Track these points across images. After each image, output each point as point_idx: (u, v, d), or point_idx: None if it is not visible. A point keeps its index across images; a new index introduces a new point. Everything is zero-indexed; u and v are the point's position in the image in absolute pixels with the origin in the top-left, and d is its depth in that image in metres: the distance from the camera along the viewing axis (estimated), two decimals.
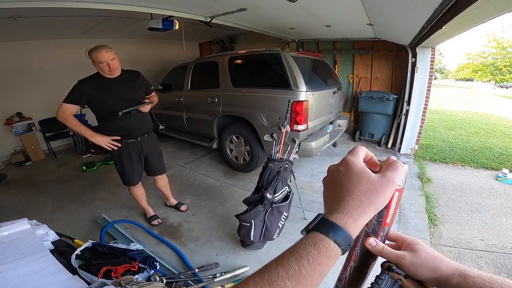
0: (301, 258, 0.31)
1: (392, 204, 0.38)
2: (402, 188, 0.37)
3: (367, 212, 0.34)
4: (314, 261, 0.31)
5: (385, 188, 0.35)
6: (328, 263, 0.32)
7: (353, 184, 0.35)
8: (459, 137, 5.84)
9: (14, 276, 1.33)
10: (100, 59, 1.89)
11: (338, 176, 0.37)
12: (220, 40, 6.90)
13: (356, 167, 0.36)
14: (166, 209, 2.76)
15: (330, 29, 3.98)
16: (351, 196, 0.34)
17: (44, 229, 1.79)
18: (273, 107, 3.00)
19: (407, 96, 4.20)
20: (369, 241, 0.39)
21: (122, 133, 2.09)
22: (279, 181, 2.00)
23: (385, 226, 0.40)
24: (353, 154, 0.38)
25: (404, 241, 0.42)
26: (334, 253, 0.32)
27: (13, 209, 2.93)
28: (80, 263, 1.45)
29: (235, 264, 1.93)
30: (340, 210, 0.34)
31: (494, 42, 16.94)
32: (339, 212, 0.34)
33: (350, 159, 0.38)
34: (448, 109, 10.44)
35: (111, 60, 1.93)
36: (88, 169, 3.88)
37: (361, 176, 0.35)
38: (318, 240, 0.32)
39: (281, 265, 0.32)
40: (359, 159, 0.38)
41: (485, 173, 3.69)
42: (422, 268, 0.38)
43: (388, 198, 0.36)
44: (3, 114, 4.34)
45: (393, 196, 0.37)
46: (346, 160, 0.38)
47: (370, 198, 0.34)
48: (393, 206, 0.38)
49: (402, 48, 4.18)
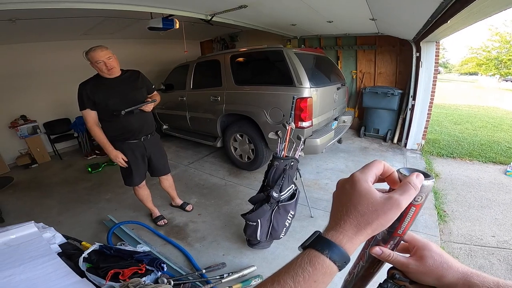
0: (297, 275, 0.32)
1: (406, 218, 0.36)
2: (421, 204, 0.36)
3: (363, 232, 0.34)
4: (310, 278, 0.31)
5: (387, 211, 0.33)
6: (324, 280, 0.32)
7: (353, 204, 0.35)
8: (465, 131, 5.76)
9: (23, 280, 1.33)
10: (96, 58, 1.88)
11: (342, 193, 0.37)
12: (221, 39, 6.87)
13: (360, 187, 0.35)
14: (172, 209, 2.75)
15: (332, 25, 3.93)
16: (349, 216, 0.34)
17: (51, 232, 1.79)
18: (277, 105, 2.97)
19: (412, 91, 4.15)
20: (373, 250, 0.40)
21: (125, 133, 2.08)
22: (285, 179, 1.97)
23: (395, 236, 0.39)
24: (362, 171, 0.37)
25: (415, 244, 0.41)
26: (330, 271, 0.32)
27: (19, 211, 2.95)
28: (88, 266, 1.44)
29: (242, 264, 1.92)
30: (336, 228, 0.34)
31: (497, 36, 16.81)
32: (336, 230, 0.34)
33: (356, 177, 0.36)
34: (453, 103, 10.31)
35: (107, 59, 1.92)
36: (93, 171, 3.90)
37: (363, 196, 0.34)
38: (313, 257, 0.32)
39: (277, 282, 0.32)
40: (367, 177, 0.36)
41: (493, 167, 3.62)
42: (426, 276, 0.38)
43: (391, 220, 0.34)
44: (8, 117, 4.36)
45: (408, 210, 0.35)
46: (353, 177, 0.37)
47: (369, 219, 0.33)
48: (407, 219, 0.37)
49: (406, 43, 4.12)
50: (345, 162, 3.75)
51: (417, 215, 0.36)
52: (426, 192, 0.35)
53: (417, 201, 0.35)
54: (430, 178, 0.36)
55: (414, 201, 0.35)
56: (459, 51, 60.47)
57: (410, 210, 0.35)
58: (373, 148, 4.30)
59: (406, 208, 0.34)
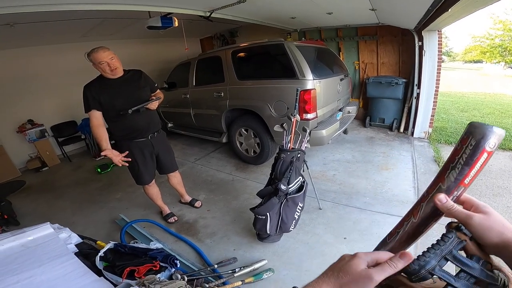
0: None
1: (477, 164, 0.37)
2: (492, 151, 0.37)
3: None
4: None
5: (358, 279, 0.36)
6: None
7: (337, 270, 0.39)
8: (473, 118, 5.69)
9: (44, 280, 1.37)
10: (99, 59, 1.89)
11: (338, 261, 0.42)
12: (221, 35, 6.85)
13: (352, 260, 0.40)
14: (181, 206, 2.79)
15: (331, 16, 3.88)
16: (329, 277, 0.39)
17: (66, 232, 1.84)
18: (281, 98, 2.97)
19: (416, 80, 4.11)
20: (439, 197, 0.39)
21: (132, 132, 2.10)
22: (293, 171, 1.98)
23: (461, 186, 0.39)
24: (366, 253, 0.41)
25: (472, 204, 0.41)
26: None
27: (34, 214, 3.03)
28: (105, 264, 1.48)
29: (253, 258, 1.95)
30: (313, 284, 0.40)
31: (500, 24, 16.59)
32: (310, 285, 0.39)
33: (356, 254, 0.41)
34: (459, 91, 10.15)
35: (110, 60, 1.92)
36: (102, 171, 3.96)
37: (348, 266, 0.39)
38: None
39: None
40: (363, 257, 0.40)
41: (503, 154, 3.58)
42: (489, 231, 0.37)
43: None
44: (15, 122, 4.43)
45: (480, 156, 0.37)
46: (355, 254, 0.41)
47: (342, 283, 0.37)
48: (477, 166, 0.37)
49: (407, 33, 4.08)
50: (351, 152, 3.74)
51: (485, 164, 0.37)
52: (498, 139, 0.37)
53: (491, 147, 0.36)
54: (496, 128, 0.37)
55: (488, 147, 0.36)
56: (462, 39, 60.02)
57: (482, 156, 0.37)
58: (380, 137, 4.27)
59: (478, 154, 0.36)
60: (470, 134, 0.37)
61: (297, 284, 0.41)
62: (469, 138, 0.37)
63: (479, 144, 0.36)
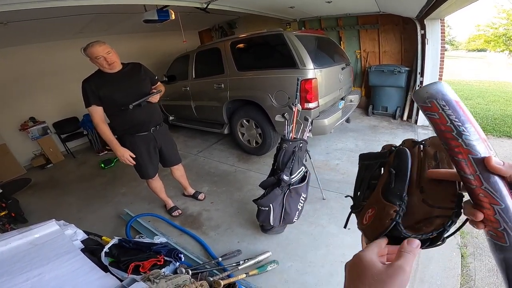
0: None
1: (469, 116, 0.34)
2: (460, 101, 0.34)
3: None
4: None
5: (392, 276, 0.34)
6: None
7: (360, 279, 0.36)
8: (477, 106, 5.63)
9: (52, 278, 1.38)
10: (95, 54, 1.86)
11: (351, 271, 0.38)
12: (220, 27, 6.75)
13: (364, 261, 0.37)
14: (185, 199, 2.81)
15: (331, 5, 3.80)
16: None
17: (72, 228, 1.85)
18: (282, 87, 2.93)
19: (419, 68, 4.06)
20: (492, 160, 0.31)
21: (135, 126, 2.09)
22: (295, 161, 1.96)
23: (486, 142, 0.33)
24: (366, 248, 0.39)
25: None
26: None
27: (41, 211, 3.07)
28: (110, 260, 1.50)
29: (257, 250, 1.96)
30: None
31: (504, 13, 16.32)
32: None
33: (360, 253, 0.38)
34: (463, 79, 10.00)
35: (107, 54, 1.89)
36: (106, 166, 3.99)
37: (367, 269, 0.36)
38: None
39: None
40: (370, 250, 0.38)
41: (508, 142, 3.54)
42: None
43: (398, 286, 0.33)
44: (17, 120, 4.45)
45: (461, 108, 0.33)
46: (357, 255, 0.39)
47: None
48: (471, 117, 0.34)
49: (409, 21, 4.01)
50: (354, 141, 3.70)
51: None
52: (447, 87, 0.34)
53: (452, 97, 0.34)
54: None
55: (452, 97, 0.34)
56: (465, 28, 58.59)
57: (461, 107, 0.34)
58: (383, 126, 4.22)
59: (458, 107, 0.33)
60: (431, 98, 0.34)
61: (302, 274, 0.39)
62: (434, 102, 0.34)
63: (448, 98, 0.33)
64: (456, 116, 0.33)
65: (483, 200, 0.32)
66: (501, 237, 0.32)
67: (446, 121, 0.33)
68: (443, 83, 0.34)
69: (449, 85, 0.34)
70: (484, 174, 0.32)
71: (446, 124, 0.33)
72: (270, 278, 1.74)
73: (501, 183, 0.32)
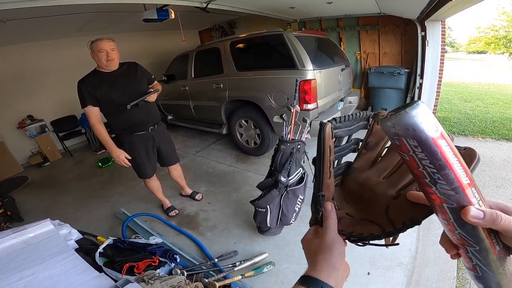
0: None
1: (450, 157, 0.27)
2: (441, 132, 0.27)
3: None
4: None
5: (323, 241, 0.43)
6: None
7: (308, 254, 0.46)
8: (476, 108, 5.61)
9: (46, 277, 1.37)
10: (100, 47, 1.87)
11: (304, 250, 0.48)
12: (220, 26, 6.74)
13: (303, 243, 0.48)
14: (182, 199, 2.80)
15: (332, 5, 3.79)
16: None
17: (67, 228, 1.84)
18: (281, 88, 2.93)
19: (419, 70, 4.06)
20: (470, 213, 0.27)
21: (132, 126, 2.08)
22: (293, 163, 1.95)
23: (469, 188, 0.27)
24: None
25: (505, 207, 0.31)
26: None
27: (37, 209, 3.05)
28: (104, 260, 1.49)
29: (254, 251, 1.95)
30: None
31: (504, 15, 16.41)
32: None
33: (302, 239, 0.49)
34: (462, 81, 10.00)
35: (111, 50, 1.90)
36: (103, 165, 3.97)
37: (306, 246, 0.47)
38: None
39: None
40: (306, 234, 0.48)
41: (507, 145, 3.52)
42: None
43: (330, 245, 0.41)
44: (15, 118, 4.43)
45: (439, 147, 0.26)
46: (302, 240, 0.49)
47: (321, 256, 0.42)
48: (452, 159, 0.27)
49: (410, 23, 4.00)
50: None
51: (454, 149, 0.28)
52: (427, 114, 0.27)
53: (433, 130, 0.27)
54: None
55: (430, 133, 0.26)
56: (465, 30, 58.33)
57: (440, 145, 0.27)
58: None
59: (434, 147, 0.26)
60: (399, 136, 0.27)
61: (298, 276, 0.42)
62: (403, 141, 0.28)
63: (421, 137, 0.26)
64: (431, 161, 0.27)
65: (455, 241, 0.31)
66: (473, 269, 0.32)
67: (418, 166, 0.28)
68: (418, 110, 0.26)
69: (427, 110, 0.27)
70: (458, 221, 0.28)
71: (418, 169, 0.28)
72: (266, 280, 1.73)
73: (479, 229, 0.28)
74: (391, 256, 1.80)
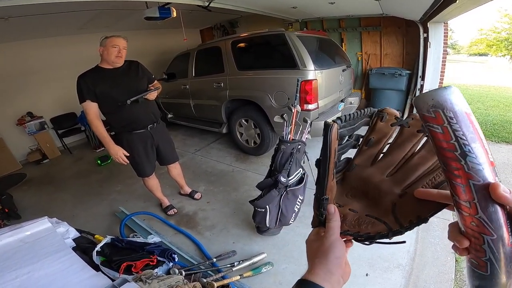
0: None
1: (479, 133, 0.28)
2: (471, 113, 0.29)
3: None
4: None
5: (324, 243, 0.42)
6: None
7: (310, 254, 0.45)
8: (477, 111, 5.61)
9: (42, 276, 1.36)
10: (115, 42, 1.91)
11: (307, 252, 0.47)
12: (221, 25, 6.73)
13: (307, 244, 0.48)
14: (181, 198, 2.78)
15: (334, 6, 3.78)
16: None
17: (64, 226, 1.82)
18: (281, 88, 2.92)
19: (420, 71, 4.05)
20: (500, 187, 0.27)
21: (131, 123, 2.06)
22: (293, 163, 1.94)
23: (493, 167, 0.28)
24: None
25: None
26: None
27: (35, 207, 3.04)
28: (102, 259, 1.48)
29: (253, 251, 1.94)
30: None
31: (506, 17, 16.35)
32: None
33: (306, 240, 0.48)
34: (463, 83, 9.97)
35: (123, 48, 1.95)
36: (102, 163, 3.95)
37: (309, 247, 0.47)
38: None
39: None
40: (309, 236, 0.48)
41: (507, 147, 3.52)
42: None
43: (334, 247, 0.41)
44: (14, 115, 4.41)
45: (471, 121, 0.28)
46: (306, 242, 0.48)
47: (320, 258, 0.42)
48: (481, 134, 0.28)
49: (412, 24, 3.98)
50: None
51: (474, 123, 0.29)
52: (458, 94, 0.29)
53: (463, 108, 0.29)
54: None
55: (465, 109, 0.29)
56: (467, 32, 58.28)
57: (472, 120, 0.28)
58: None
59: (468, 121, 0.28)
60: (437, 107, 0.28)
61: (296, 277, 0.40)
62: (440, 113, 0.28)
63: (457, 110, 0.28)
64: (464, 133, 0.27)
65: (473, 228, 0.29)
66: (482, 266, 0.30)
67: (451, 138, 0.28)
68: (453, 88, 0.29)
69: (460, 92, 0.29)
70: (482, 202, 0.28)
71: (450, 141, 0.28)
72: (264, 280, 1.72)
73: (501, 212, 0.28)
74: (389, 257, 1.79)
